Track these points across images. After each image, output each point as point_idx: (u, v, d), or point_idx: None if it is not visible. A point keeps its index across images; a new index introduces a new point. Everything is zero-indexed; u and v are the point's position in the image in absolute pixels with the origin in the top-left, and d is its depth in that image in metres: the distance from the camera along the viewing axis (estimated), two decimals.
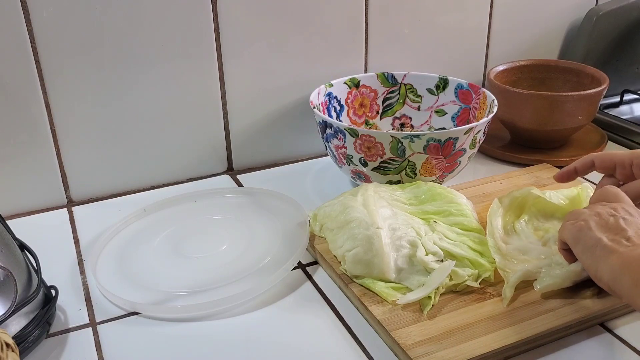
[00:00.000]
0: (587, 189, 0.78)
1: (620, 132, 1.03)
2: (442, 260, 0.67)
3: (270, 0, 0.88)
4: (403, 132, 0.97)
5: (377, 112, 0.98)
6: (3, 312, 0.58)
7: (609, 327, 0.63)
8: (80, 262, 0.75)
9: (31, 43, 0.78)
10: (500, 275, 0.66)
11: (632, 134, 1.01)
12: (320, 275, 0.72)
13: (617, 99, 1.12)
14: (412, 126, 0.98)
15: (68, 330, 0.65)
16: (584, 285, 0.65)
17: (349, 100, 0.96)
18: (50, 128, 0.83)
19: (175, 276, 0.71)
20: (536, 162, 0.94)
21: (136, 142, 0.88)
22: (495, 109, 0.84)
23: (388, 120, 0.98)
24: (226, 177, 0.95)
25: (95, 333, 0.64)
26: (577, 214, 0.62)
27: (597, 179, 0.91)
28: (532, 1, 1.07)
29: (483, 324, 0.61)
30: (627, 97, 1.12)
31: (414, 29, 0.99)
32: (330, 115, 0.93)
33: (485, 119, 0.81)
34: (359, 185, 0.80)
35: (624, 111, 1.11)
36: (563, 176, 0.75)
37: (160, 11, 0.82)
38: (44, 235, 0.80)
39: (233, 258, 0.74)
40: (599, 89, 0.93)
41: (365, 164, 0.81)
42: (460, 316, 0.62)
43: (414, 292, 0.64)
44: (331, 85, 0.93)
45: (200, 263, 0.74)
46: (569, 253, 0.63)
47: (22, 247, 0.67)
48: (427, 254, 0.67)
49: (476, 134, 0.80)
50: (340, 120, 0.94)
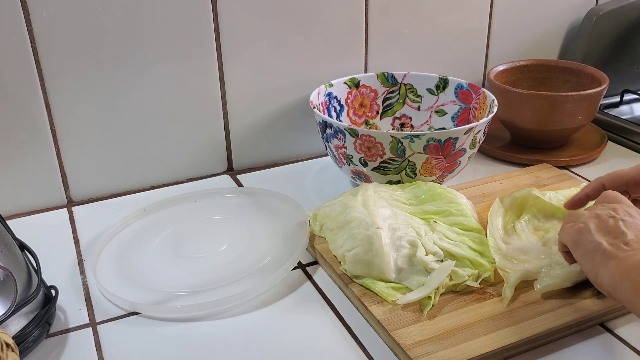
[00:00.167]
0: None
1: (620, 132, 1.03)
2: (442, 260, 0.67)
3: (270, 0, 0.88)
4: (403, 132, 0.97)
5: (377, 112, 0.98)
6: (3, 312, 0.58)
7: (609, 327, 0.63)
8: (80, 262, 0.75)
9: (31, 43, 0.78)
10: (500, 275, 0.66)
11: (632, 134, 1.01)
12: (320, 275, 0.72)
13: (617, 99, 1.12)
14: (412, 126, 0.98)
15: (68, 330, 0.64)
16: (584, 286, 0.65)
17: (349, 100, 0.96)
18: (50, 128, 0.83)
19: (175, 276, 0.71)
20: (536, 162, 0.94)
21: (136, 142, 0.88)
22: (495, 109, 0.84)
23: (388, 120, 0.98)
24: (226, 177, 0.95)
25: (95, 333, 0.64)
26: (577, 215, 0.62)
27: (595, 178, 0.91)
28: (532, 1, 1.07)
29: (483, 324, 0.61)
30: (627, 97, 1.12)
31: (414, 29, 0.99)
32: (330, 115, 0.93)
33: (485, 119, 0.81)
34: (359, 185, 0.80)
35: (624, 111, 1.11)
36: (575, 204, 0.71)
37: (160, 11, 0.82)
38: (44, 235, 0.80)
39: (233, 258, 0.74)
40: (599, 89, 0.93)
41: (365, 164, 0.81)
42: (460, 316, 0.62)
43: (414, 292, 0.64)
44: (331, 85, 0.93)
45: (200, 263, 0.74)
46: (569, 255, 0.63)
47: (22, 247, 0.67)
48: (427, 254, 0.67)
49: (476, 134, 0.80)
50: (340, 120, 0.94)
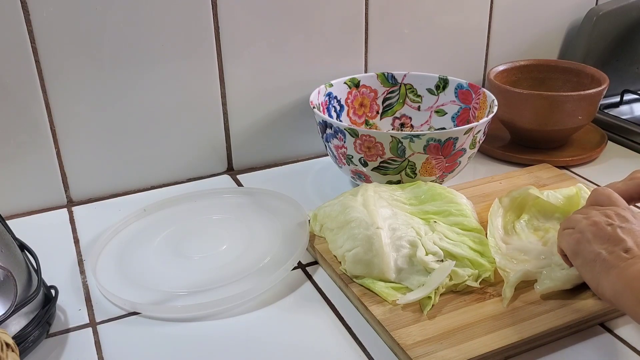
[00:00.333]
0: (582, 189, 0.78)
1: (620, 132, 1.03)
2: (442, 260, 0.67)
3: (270, 0, 0.88)
4: (403, 132, 0.97)
5: (377, 112, 0.98)
6: (3, 312, 0.58)
7: (609, 327, 0.63)
8: (80, 262, 0.75)
9: (31, 43, 0.78)
10: (500, 275, 0.66)
11: (632, 134, 1.01)
12: (320, 275, 0.72)
13: (617, 99, 1.12)
14: (412, 126, 0.98)
15: (68, 330, 0.64)
16: (584, 286, 0.64)
17: (349, 100, 0.96)
18: (50, 128, 0.83)
19: (175, 276, 0.71)
20: (536, 162, 0.94)
21: (136, 142, 0.88)
22: (495, 109, 0.84)
23: (388, 120, 0.98)
24: (226, 177, 0.95)
25: (95, 333, 0.64)
26: (574, 222, 0.61)
27: (596, 179, 0.91)
28: (532, 1, 1.07)
29: (483, 324, 0.61)
30: (627, 97, 1.12)
31: (414, 29, 0.99)
32: (330, 115, 0.93)
33: (485, 119, 0.81)
34: (359, 185, 0.80)
35: (624, 111, 1.11)
36: None
37: (160, 11, 0.82)
38: (44, 235, 0.80)
39: (233, 258, 0.74)
40: (599, 89, 0.93)
41: (365, 164, 0.81)
42: (460, 316, 0.62)
43: (414, 292, 0.64)
44: (331, 85, 0.93)
45: (200, 263, 0.74)
46: (568, 258, 0.62)
47: (22, 247, 0.67)
48: (427, 254, 0.67)
49: (476, 134, 0.80)
50: (340, 120, 0.94)
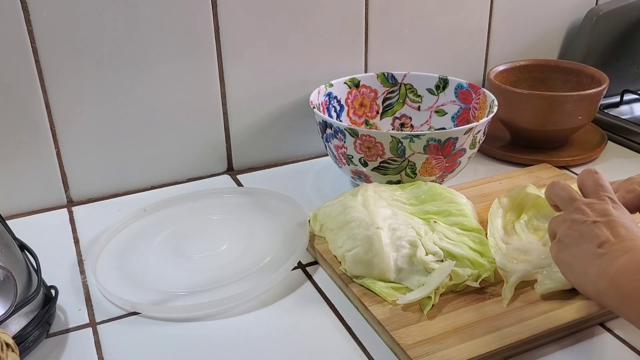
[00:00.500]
0: None
1: (620, 132, 1.03)
2: (442, 260, 0.67)
3: (270, 0, 0.88)
4: (403, 132, 0.97)
5: (377, 112, 0.98)
6: (3, 312, 0.58)
7: (609, 327, 0.63)
8: (80, 262, 0.75)
9: (31, 43, 0.78)
10: (500, 275, 0.66)
11: (632, 134, 1.01)
12: (320, 275, 0.72)
13: (617, 99, 1.12)
14: (412, 126, 0.98)
15: (68, 330, 0.64)
16: None
17: (349, 100, 0.96)
18: (50, 128, 0.83)
19: (175, 276, 0.71)
20: (536, 162, 0.94)
21: (136, 142, 0.88)
22: (495, 109, 0.84)
23: (388, 120, 0.98)
24: (226, 177, 0.95)
25: (95, 333, 0.64)
26: (555, 227, 0.60)
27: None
28: (532, 1, 1.07)
29: (483, 324, 0.61)
30: (627, 97, 1.12)
31: (414, 29, 0.99)
32: (330, 115, 0.93)
33: (485, 119, 0.81)
34: (359, 185, 0.80)
35: (624, 111, 1.11)
36: None
37: (160, 11, 0.82)
38: (44, 235, 0.80)
39: (233, 258, 0.74)
40: (599, 89, 0.93)
41: (365, 164, 0.81)
42: (460, 316, 0.62)
43: (414, 292, 0.64)
44: (331, 85, 0.93)
45: (200, 263, 0.74)
46: None
47: (22, 247, 0.67)
48: (427, 254, 0.67)
49: (476, 134, 0.80)
50: (340, 120, 0.94)
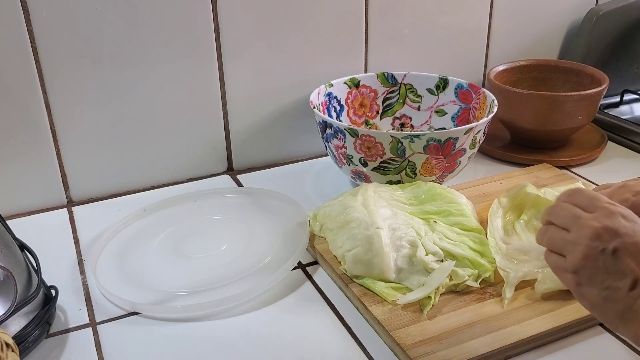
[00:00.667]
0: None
1: (620, 132, 1.03)
2: (442, 260, 0.67)
3: (270, 0, 0.88)
4: (403, 132, 0.97)
5: (377, 112, 0.98)
6: (3, 312, 0.58)
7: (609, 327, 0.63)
8: (80, 262, 0.75)
9: (31, 43, 0.78)
10: (500, 275, 0.66)
11: (632, 134, 1.01)
12: (320, 275, 0.72)
13: (617, 99, 1.12)
14: (412, 126, 0.98)
15: (68, 330, 0.64)
16: None
17: (349, 100, 0.96)
18: (50, 128, 0.83)
19: (175, 276, 0.71)
20: (536, 162, 0.94)
21: (136, 142, 0.88)
22: (495, 109, 0.84)
23: (388, 120, 0.98)
24: (226, 177, 0.95)
25: (95, 333, 0.64)
26: (559, 245, 0.53)
27: (596, 179, 0.91)
28: (532, 1, 1.07)
29: (483, 324, 0.61)
30: (627, 97, 1.12)
31: (414, 29, 0.99)
32: (330, 115, 0.93)
33: (485, 119, 0.81)
34: (359, 185, 0.80)
35: (624, 111, 1.11)
36: None
37: (161, 11, 0.82)
38: (44, 235, 0.80)
39: (233, 258, 0.74)
40: (599, 89, 0.93)
41: (365, 164, 0.81)
42: (460, 316, 0.62)
43: (414, 292, 0.64)
44: (331, 85, 0.93)
45: (200, 263, 0.74)
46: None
47: (22, 247, 0.67)
48: (427, 254, 0.67)
49: (476, 134, 0.80)
50: (340, 120, 0.94)
